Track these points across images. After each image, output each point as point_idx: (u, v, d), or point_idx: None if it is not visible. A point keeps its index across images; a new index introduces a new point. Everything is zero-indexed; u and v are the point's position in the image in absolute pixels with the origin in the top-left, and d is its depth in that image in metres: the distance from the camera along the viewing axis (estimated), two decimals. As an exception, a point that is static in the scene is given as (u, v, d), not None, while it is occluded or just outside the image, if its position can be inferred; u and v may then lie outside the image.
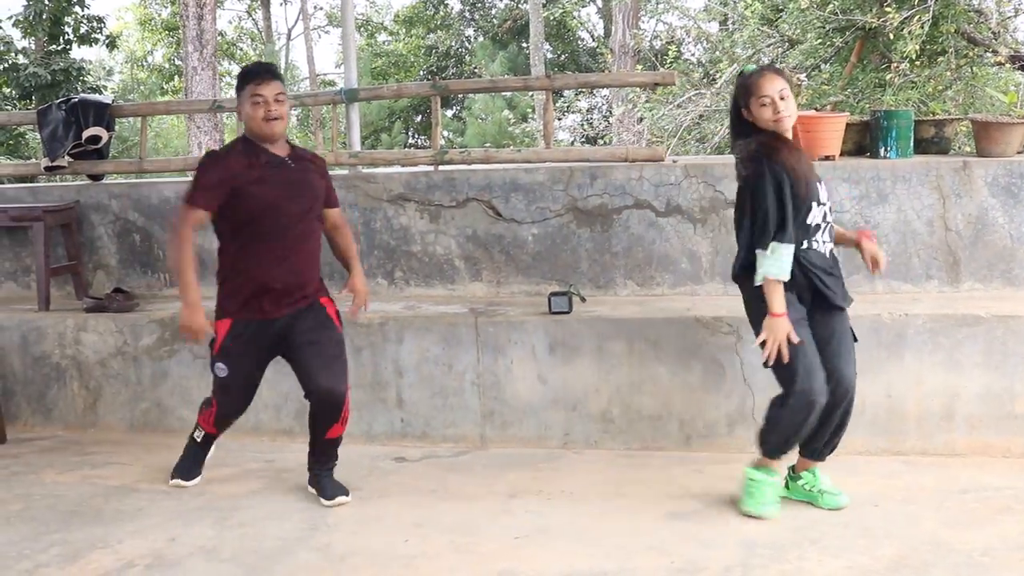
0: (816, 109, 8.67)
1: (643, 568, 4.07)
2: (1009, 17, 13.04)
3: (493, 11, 29.31)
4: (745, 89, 4.38)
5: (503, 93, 21.09)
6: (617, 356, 5.44)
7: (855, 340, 4.46)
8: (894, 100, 11.40)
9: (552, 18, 25.56)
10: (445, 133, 24.08)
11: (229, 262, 4.75)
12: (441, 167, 6.51)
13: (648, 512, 4.56)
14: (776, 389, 4.38)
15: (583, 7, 28.18)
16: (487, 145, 18.84)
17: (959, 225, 5.65)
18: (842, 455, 5.22)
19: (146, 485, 5.20)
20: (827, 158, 5.86)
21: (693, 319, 5.39)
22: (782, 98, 4.28)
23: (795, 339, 4.24)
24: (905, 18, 11.15)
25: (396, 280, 6.30)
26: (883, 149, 5.94)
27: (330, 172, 6.51)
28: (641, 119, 15.06)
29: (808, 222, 4.32)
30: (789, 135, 4.35)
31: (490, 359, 5.59)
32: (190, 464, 5.19)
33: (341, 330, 4.83)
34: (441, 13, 29.17)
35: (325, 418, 4.76)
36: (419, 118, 26.12)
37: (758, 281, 4.29)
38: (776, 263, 4.23)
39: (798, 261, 4.30)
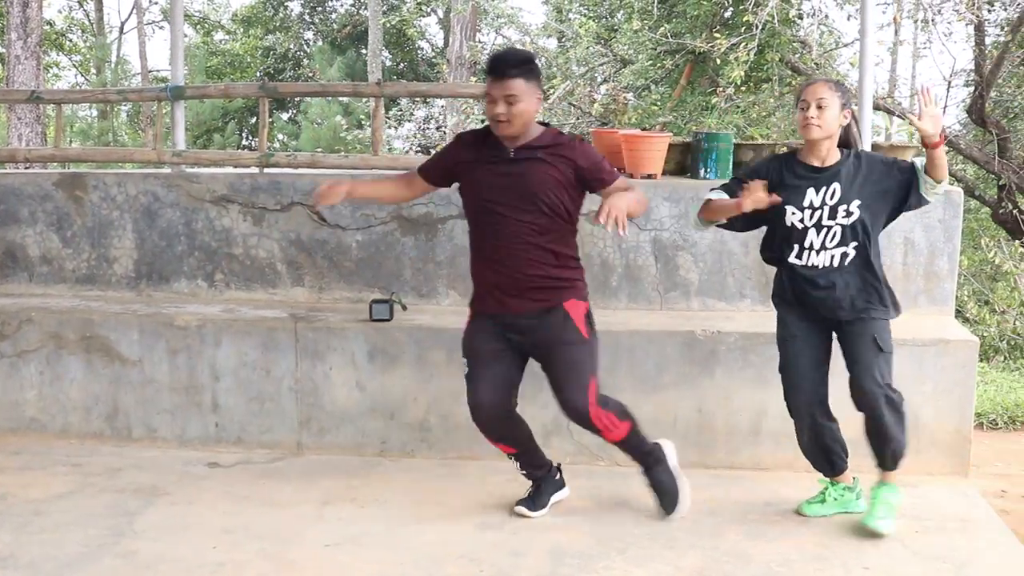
0: (644, 129, 8.84)
1: (452, 576, 4.10)
2: (831, 49, 13.56)
3: (333, 16, 29.09)
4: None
5: (340, 99, 20.95)
6: (436, 365, 5.46)
7: (881, 350, 4.43)
8: (720, 123, 11.75)
9: (391, 26, 25.50)
10: (281, 136, 23.78)
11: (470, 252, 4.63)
12: (267, 170, 6.43)
13: (461, 521, 4.59)
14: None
15: (423, 17, 28.19)
16: (319, 150, 18.66)
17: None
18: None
19: (-58, 488, 4.99)
20: (649, 176, 5.99)
21: (513, 330, 5.43)
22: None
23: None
24: (732, 44, 11.50)
25: (216, 283, 6.19)
26: (703, 170, 6.10)
27: (152, 171, 6.37)
28: (475, 131, 15.15)
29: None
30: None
31: (309, 365, 5.55)
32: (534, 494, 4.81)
33: (587, 335, 4.47)
34: (280, 15, 28.79)
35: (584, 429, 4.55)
36: (254, 119, 25.71)
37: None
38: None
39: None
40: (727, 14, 13.04)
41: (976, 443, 5.63)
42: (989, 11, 13.08)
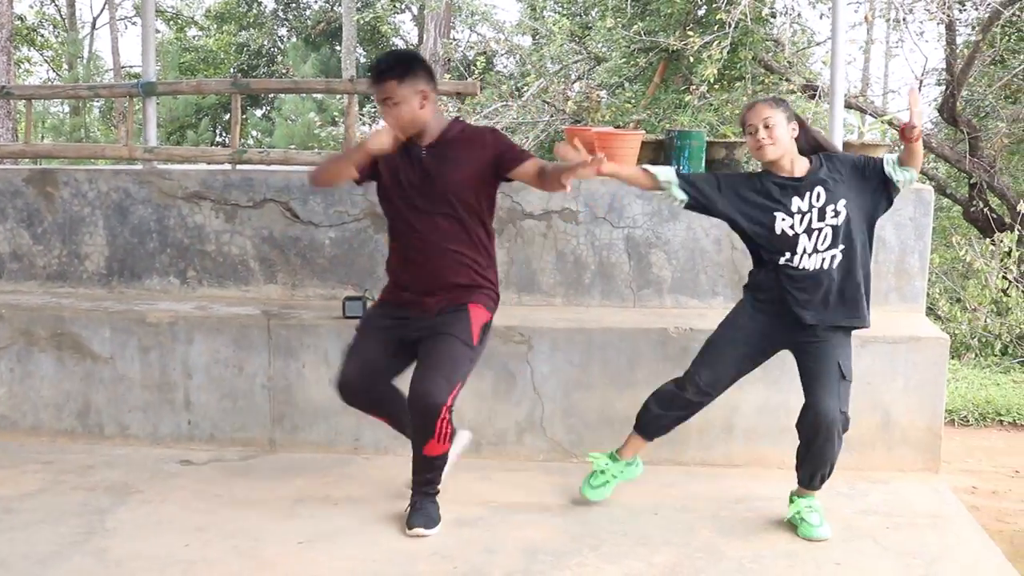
0: (617, 126, 8.85)
1: (426, 573, 4.09)
2: (803, 48, 13.61)
3: (307, 12, 29.00)
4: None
5: (314, 96, 20.90)
6: (410, 362, 5.45)
7: (844, 377, 4.38)
8: (693, 121, 11.79)
9: (365, 23, 25.45)
10: (254, 133, 23.69)
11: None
12: (240, 166, 6.41)
13: (434, 518, 4.57)
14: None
15: (398, 14, 28.13)
16: (292, 146, 18.60)
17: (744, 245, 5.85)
18: (626, 464, 5.37)
19: (-89, 486, 4.95)
20: (622, 174, 5.99)
21: (486, 327, 5.43)
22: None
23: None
24: (706, 43, 11.53)
25: (188, 280, 6.17)
26: (676, 168, 6.10)
27: (124, 167, 6.32)
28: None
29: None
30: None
31: (282, 362, 5.53)
32: None
33: (476, 341, 4.40)
34: (254, 11, 28.69)
35: (416, 428, 4.35)
36: (227, 116, 25.59)
37: None
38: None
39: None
40: (700, 12, 13.08)
41: (947, 439, 5.68)
42: (960, 11, 13.16)
